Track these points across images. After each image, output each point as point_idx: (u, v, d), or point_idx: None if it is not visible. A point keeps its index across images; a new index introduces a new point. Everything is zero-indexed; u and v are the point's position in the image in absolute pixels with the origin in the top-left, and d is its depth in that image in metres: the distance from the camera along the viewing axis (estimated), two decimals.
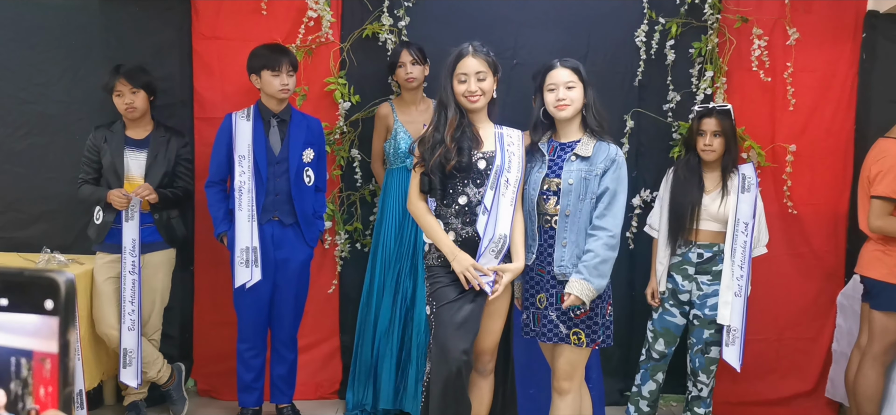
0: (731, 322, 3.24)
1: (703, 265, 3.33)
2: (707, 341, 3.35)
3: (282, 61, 3.30)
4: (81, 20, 3.71)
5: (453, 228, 2.74)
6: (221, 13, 3.76)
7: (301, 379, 3.70)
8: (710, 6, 3.73)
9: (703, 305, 3.33)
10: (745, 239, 3.24)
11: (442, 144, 2.69)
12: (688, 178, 3.34)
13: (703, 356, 3.37)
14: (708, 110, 3.34)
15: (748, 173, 3.31)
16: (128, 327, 3.31)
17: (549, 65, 2.79)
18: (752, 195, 3.26)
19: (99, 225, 3.40)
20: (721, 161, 3.33)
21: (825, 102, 3.80)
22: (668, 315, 3.39)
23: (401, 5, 3.77)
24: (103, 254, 3.43)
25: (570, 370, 2.77)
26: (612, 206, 2.68)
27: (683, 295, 3.36)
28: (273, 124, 3.38)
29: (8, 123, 3.71)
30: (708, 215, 3.31)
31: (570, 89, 2.72)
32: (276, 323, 3.50)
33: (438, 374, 2.66)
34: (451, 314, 2.67)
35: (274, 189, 3.36)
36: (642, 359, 3.50)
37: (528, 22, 3.82)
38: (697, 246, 3.34)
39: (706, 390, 3.41)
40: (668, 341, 3.41)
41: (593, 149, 2.72)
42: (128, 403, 3.54)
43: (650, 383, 3.45)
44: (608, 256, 2.65)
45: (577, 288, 2.63)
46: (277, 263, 3.40)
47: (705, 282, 3.33)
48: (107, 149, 3.41)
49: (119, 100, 3.35)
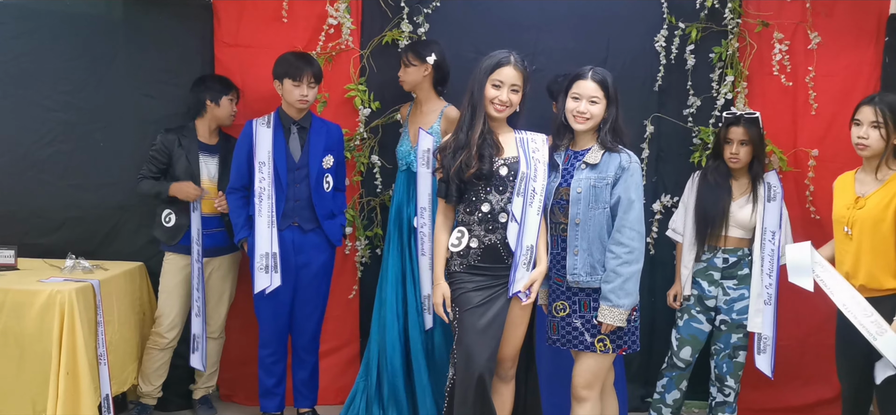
0: (763, 330, 3.23)
1: (729, 270, 3.32)
2: (735, 346, 3.33)
3: (304, 72, 3.32)
4: (105, 29, 3.76)
5: (476, 235, 2.74)
6: (243, 21, 3.79)
7: (323, 383, 3.72)
8: (730, 11, 3.72)
9: (730, 310, 3.32)
10: (772, 247, 3.23)
11: (465, 148, 2.69)
12: (719, 183, 3.32)
13: (730, 361, 3.35)
14: (736, 118, 3.31)
15: (773, 182, 3.30)
16: (195, 314, 3.51)
17: (579, 72, 2.78)
18: (778, 204, 3.26)
19: (171, 227, 3.53)
20: (748, 169, 3.31)
21: (847, 107, 3.72)
22: (695, 322, 3.38)
23: (420, 12, 3.79)
24: (174, 255, 3.56)
25: (591, 378, 2.76)
26: (627, 216, 2.66)
27: (710, 301, 3.35)
28: (293, 131, 3.40)
29: (33, 130, 3.76)
30: (735, 222, 3.30)
31: (593, 103, 2.72)
32: (297, 328, 3.51)
33: (462, 379, 2.67)
34: (475, 320, 2.68)
35: (294, 195, 3.38)
36: (665, 367, 3.48)
37: (547, 27, 3.82)
38: (724, 251, 3.32)
39: (733, 394, 3.39)
40: (695, 349, 3.39)
41: (602, 157, 2.71)
42: (199, 396, 3.76)
43: (675, 391, 3.44)
44: (630, 273, 2.65)
45: (608, 316, 2.65)
46: (298, 268, 3.42)
47: (731, 286, 3.32)
48: (181, 153, 3.52)
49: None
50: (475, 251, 2.74)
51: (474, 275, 2.73)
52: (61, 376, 2.97)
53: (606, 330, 2.68)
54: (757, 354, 3.25)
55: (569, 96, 2.77)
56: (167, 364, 3.61)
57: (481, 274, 2.74)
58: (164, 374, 3.61)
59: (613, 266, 2.65)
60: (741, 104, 3.74)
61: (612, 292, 2.64)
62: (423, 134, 3.42)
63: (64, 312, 2.98)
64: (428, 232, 3.38)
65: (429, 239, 3.37)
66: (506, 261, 2.73)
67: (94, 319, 3.14)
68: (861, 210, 2.83)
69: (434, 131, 3.47)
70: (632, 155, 2.74)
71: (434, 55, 3.48)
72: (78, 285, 3.07)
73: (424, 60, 3.49)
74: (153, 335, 3.58)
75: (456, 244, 2.77)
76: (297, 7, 3.79)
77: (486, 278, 2.73)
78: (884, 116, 2.77)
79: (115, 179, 3.77)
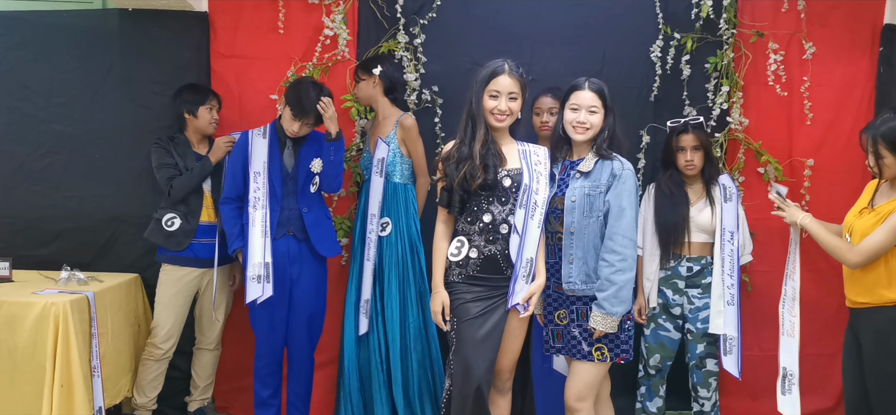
0: (726, 331, 3.25)
1: (693, 279, 3.34)
2: (701, 355, 3.35)
3: (309, 116, 3.31)
4: (101, 40, 3.76)
5: (476, 245, 2.74)
6: (239, 32, 3.79)
7: (317, 396, 3.70)
8: (725, 21, 3.73)
9: (695, 319, 3.34)
10: (732, 248, 3.26)
11: (468, 159, 2.69)
12: (674, 191, 3.35)
13: (699, 371, 3.37)
14: (683, 126, 3.35)
15: (727, 183, 3.34)
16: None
17: (575, 83, 2.79)
18: (734, 204, 3.30)
19: (173, 231, 3.48)
20: (701, 174, 3.35)
21: (843, 116, 3.78)
22: (662, 331, 3.39)
23: (416, 23, 3.79)
24: (172, 266, 3.52)
25: (583, 389, 2.75)
26: (619, 223, 2.67)
27: (675, 309, 3.37)
28: (288, 143, 3.41)
29: (28, 142, 3.75)
30: (697, 227, 3.33)
31: (592, 113, 2.73)
32: (293, 340, 3.50)
33: (460, 391, 2.66)
34: (473, 331, 2.67)
35: (288, 205, 3.39)
36: (640, 376, 3.50)
37: (543, 38, 3.83)
38: (687, 259, 3.34)
39: (708, 404, 3.41)
40: (664, 356, 3.41)
41: (595, 165, 2.72)
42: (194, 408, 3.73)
43: (656, 399, 3.45)
44: (623, 280, 2.65)
45: (600, 323, 2.65)
46: (293, 279, 3.41)
47: (696, 295, 3.34)
48: (180, 160, 3.51)
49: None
50: (474, 261, 2.74)
51: (473, 285, 2.73)
52: (55, 389, 2.95)
53: (597, 335, 2.68)
54: (723, 355, 3.27)
55: (566, 108, 2.78)
56: (162, 376, 3.60)
57: (480, 284, 2.73)
58: (159, 386, 3.59)
59: (607, 274, 2.65)
60: (737, 114, 3.75)
61: (606, 300, 2.64)
62: (379, 143, 3.49)
63: (58, 324, 2.97)
64: (374, 239, 3.45)
65: (374, 245, 3.46)
66: (505, 272, 2.73)
67: (88, 331, 3.13)
68: (860, 220, 2.84)
69: (390, 140, 3.52)
70: (625, 162, 2.75)
71: (380, 66, 3.55)
72: (73, 297, 3.06)
73: (371, 73, 3.55)
74: (148, 347, 3.56)
75: (455, 254, 2.77)
76: (293, 18, 3.79)
77: (484, 289, 2.73)
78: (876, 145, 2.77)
79: (111, 191, 3.77)
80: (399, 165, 3.55)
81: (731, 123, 3.77)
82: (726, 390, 3.91)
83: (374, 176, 3.48)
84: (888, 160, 2.74)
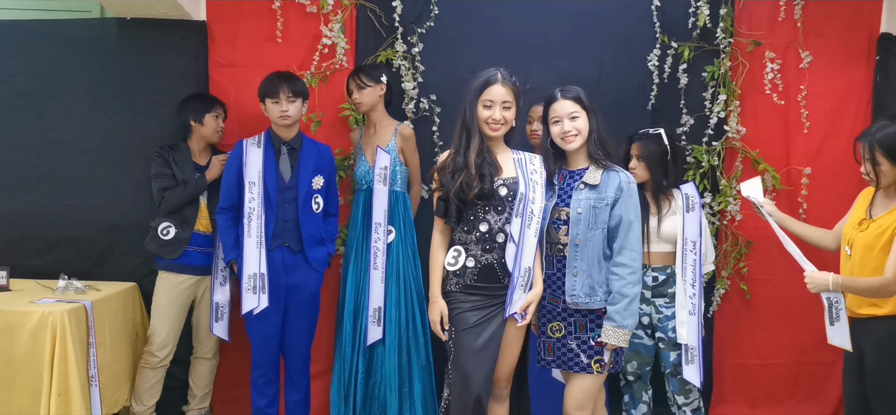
0: (689, 340, 3.24)
1: (659, 288, 3.34)
2: (675, 363, 3.35)
3: (279, 88, 3.31)
4: (99, 49, 3.76)
5: (473, 254, 2.73)
6: (237, 41, 3.80)
7: (315, 404, 3.70)
8: (722, 30, 3.74)
9: (665, 328, 3.34)
10: (694, 257, 3.26)
11: (464, 169, 2.69)
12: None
13: (674, 379, 3.37)
14: (636, 135, 3.38)
15: (691, 193, 3.33)
16: (220, 283, 3.54)
17: (550, 96, 2.79)
18: (697, 214, 3.29)
19: (169, 241, 3.48)
20: (648, 185, 3.36)
21: (840, 125, 3.79)
22: (635, 338, 3.37)
23: (414, 32, 3.80)
24: (168, 273, 3.52)
25: (583, 399, 2.74)
26: (628, 236, 2.67)
27: (644, 318, 3.37)
28: (283, 151, 3.40)
29: (25, 150, 3.75)
30: (660, 236, 3.33)
31: (574, 120, 2.73)
32: (289, 349, 3.49)
33: (459, 400, 2.65)
34: (471, 340, 2.67)
35: (283, 216, 3.37)
36: (622, 384, 3.50)
37: (541, 47, 3.84)
38: (652, 269, 3.34)
39: (689, 409, 3.40)
40: (641, 362, 3.41)
41: (602, 177, 2.72)
42: None
43: (641, 405, 3.46)
44: (634, 293, 2.66)
45: (613, 337, 2.65)
46: (288, 289, 3.40)
47: (663, 305, 3.34)
48: (176, 171, 3.51)
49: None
50: (471, 271, 2.73)
51: (470, 295, 2.72)
52: (53, 398, 2.94)
53: (610, 350, 2.68)
54: (685, 364, 3.27)
55: (549, 123, 2.78)
56: (160, 384, 3.59)
57: (477, 294, 2.73)
58: (156, 394, 3.58)
59: (618, 287, 2.65)
60: (734, 123, 3.76)
61: (618, 314, 2.64)
62: (380, 152, 3.48)
63: (56, 333, 2.96)
64: (382, 247, 3.44)
65: (382, 254, 3.44)
66: (502, 281, 2.72)
67: (86, 340, 3.12)
68: (862, 232, 2.82)
69: (391, 148, 3.53)
70: (629, 175, 2.75)
71: (385, 76, 3.57)
72: (70, 306, 3.06)
73: (379, 81, 3.55)
74: (145, 354, 3.55)
75: (452, 263, 2.77)
76: (291, 27, 3.80)
77: (482, 298, 2.72)
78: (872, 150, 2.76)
79: (109, 200, 3.76)
80: (399, 173, 3.56)
81: (728, 131, 3.78)
82: (724, 398, 3.91)
83: (377, 185, 3.47)
84: (885, 167, 2.72)
